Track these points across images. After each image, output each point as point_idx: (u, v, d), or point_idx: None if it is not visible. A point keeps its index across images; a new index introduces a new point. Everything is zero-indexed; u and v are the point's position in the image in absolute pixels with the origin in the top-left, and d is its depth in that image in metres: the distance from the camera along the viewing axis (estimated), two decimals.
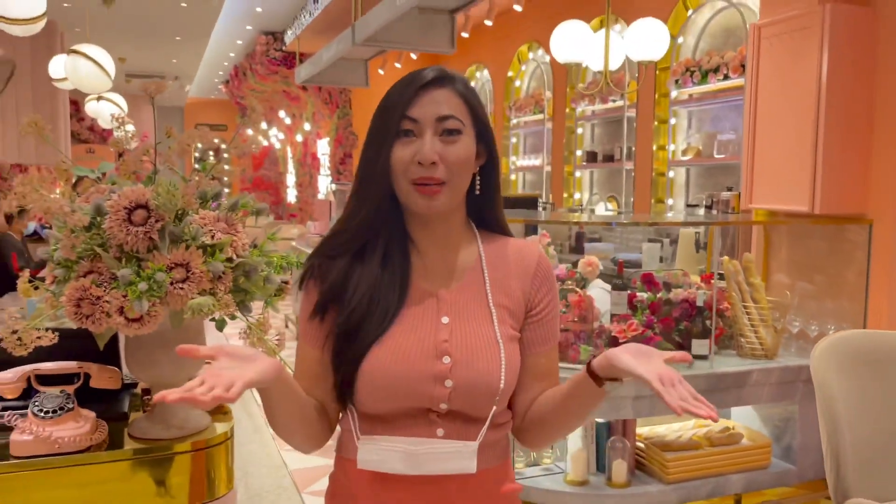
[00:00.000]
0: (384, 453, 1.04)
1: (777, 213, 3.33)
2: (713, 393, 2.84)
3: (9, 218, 5.61)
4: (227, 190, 1.47)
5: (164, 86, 1.42)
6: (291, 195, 13.53)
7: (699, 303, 3.03)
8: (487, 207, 1.16)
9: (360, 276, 1.07)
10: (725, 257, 3.21)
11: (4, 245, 5.47)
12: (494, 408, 1.07)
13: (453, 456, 1.04)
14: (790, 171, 3.14)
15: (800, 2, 3.05)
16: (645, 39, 3.25)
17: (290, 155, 13.37)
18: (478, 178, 1.11)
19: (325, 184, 10.89)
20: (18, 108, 6.69)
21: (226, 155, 1.51)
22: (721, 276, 3.13)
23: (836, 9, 2.90)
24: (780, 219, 3.32)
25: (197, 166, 1.44)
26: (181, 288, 1.31)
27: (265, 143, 13.87)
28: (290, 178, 13.55)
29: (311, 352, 1.10)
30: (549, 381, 1.15)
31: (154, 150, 1.45)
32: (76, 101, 9.47)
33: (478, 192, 1.12)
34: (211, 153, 15.65)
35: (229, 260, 1.38)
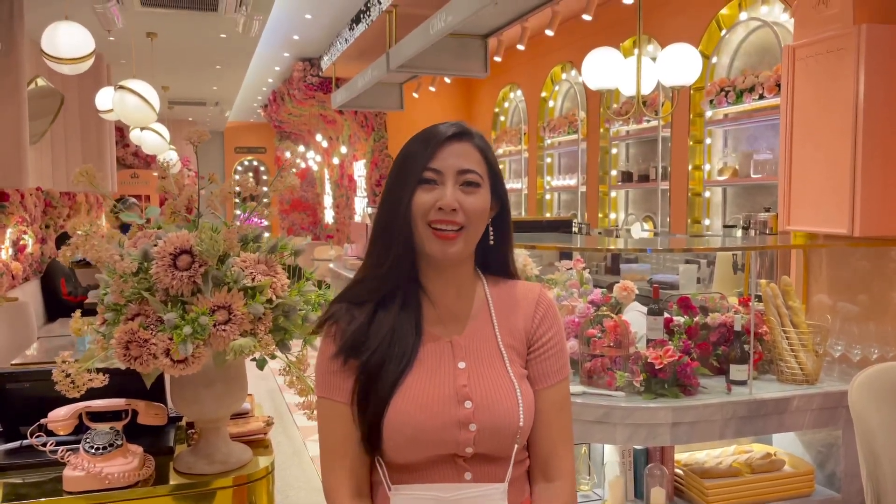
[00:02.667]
0: (418, 502, 1.07)
1: (816, 235, 3.28)
2: (753, 419, 2.80)
3: (58, 243, 5.81)
4: (266, 234, 1.52)
5: (206, 135, 1.48)
6: (329, 216, 13.72)
7: (737, 327, 3.00)
8: (499, 255, 1.21)
9: (380, 323, 1.11)
10: (763, 280, 3.17)
11: (54, 271, 5.67)
12: (516, 446, 1.12)
13: (486, 499, 1.08)
14: (828, 192, 3.09)
15: (834, 22, 3.03)
16: (677, 64, 3.25)
17: (326, 176, 13.57)
18: (491, 228, 1.17)
19: (361, 205, 11.02)
20: (67, 137, 6.95)
21: (266, 199, 1.56)
22: (759, 299, 3.09)
23: (871, 29, 2.87)
24: (818, 242, 3.27)
25: (238, 211, 1.49)
26: (223, 330, 1.37)
27: (303, 165, 14.09)
28: (328, 199, 13.75)
29: (342, 408, 1.11)
30: (557, 421, 1.17)
31: (197, 196, 1.51)
32: (121, 129, 9.77)
33: (491, 243, 1.17)
34: (250, 175, 15.92)
35: (269, 301, 1.43)
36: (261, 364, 1.46)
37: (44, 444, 1.52)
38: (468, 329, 1.16)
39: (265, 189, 1.59)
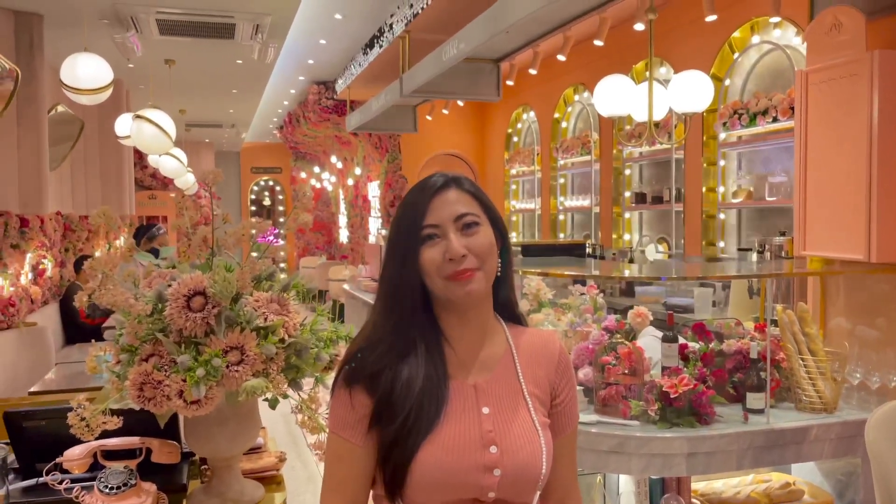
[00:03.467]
0: None
1: (832, 260, 3.25)
2: (771, 449, 2.76)
3: (77, 266, 5.88)
4: (283, 273, 1.54)
5: (221, 176, 1.50)
6: (343, 235, 13.79)
7: (753, 354, 2.97)
8: (504, 289, 1.23)
9: (407, 380, 1.10)
10: (780, 307, 3.14)
11: (72, 294, 5.73)
12: (538, 493, 1.12)
13: None
14: (844, 217, 3.07)
15: (847, 48, 3.02)
16: (689, 91, 3.25)
17: (341, 196, 13.66)
18: (499, 261, 1.18)
19: (375, 226, 11.07)
20: (87, 162, 7.06)
21: (282, 231, 1.58)
22: (775, 324, 3.06)
23: (884, 55, 2.86)
24: (835, 268, 3.24)
25: (255, 254, 1.51)
26: (236, 370, 1.38)
27: (318, 185, 14.19)
28: (342, 219, 13.82)
29: (353, 448, 1.11)
30: (573, 456, 1.23)
31: (212, 236, 1.53)
32: (140, 152, 9.90)
33: (498, 274, 1.18)
34: (266, 194, 15.99)
35: (281, 341, 1.44)
36: (273, 404, 1.46)
37: (59, 482, 1.53)
38: (491, 374, 1.17)
39: (281, 208, 1.60)
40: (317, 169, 14.48)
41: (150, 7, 4.43)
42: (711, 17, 3.93)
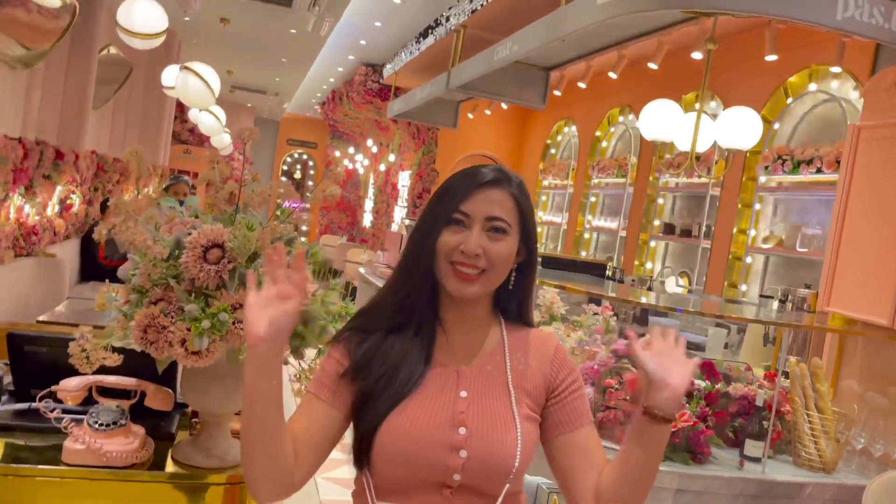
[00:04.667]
0: None
1: (854, 320, 3.19)
2: (762, 499, 2.71)
3: (103, 207, 5.94)
4: (303, 238, 1.53)
5: (257, 133, 1.50)
6: (367, 219, 13.82)
7: (758, 402, 2.92)
8: (517, 300, 1.23)
9: (392, 347, 1.13)
10: (793, 358, 3.08)
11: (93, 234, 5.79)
12: (508, 486, 1.11)
13: None
14: (874, 280, 3.00)
15: None
16: (737, 128, 3.20)
17: (371, 181, 13.69)
18: (513, 273, 1.18)
19: (399, 214, 11.08)
20: (129, 107, 7.14)
21: (307, 205, 1.57)
22: (786, 376, 3.00)
23: None
24: (856, 329, 3.17)
25: (278, 212, 1.50)
26: (242, 328, 1.37)
27: (350, 166, 14.24)
28: (368, 203, 13.85)
29: (320, 405, 1.12)
30: (598, 456, 1.17)
31: (240, 192, 1.52)
32: (181, 105, 10.00)
33: (510, 288, 1.18)
34: (298, 168, 16.08)
35: None
36: None
37: (51, 410, 1.54)
38: (477, 362, 1.18)
39: (310, 183, 1.59)
40: (351, 150, 14.53)
41: None
42: (772, 57, 3.86)
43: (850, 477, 2.83)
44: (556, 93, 5.51)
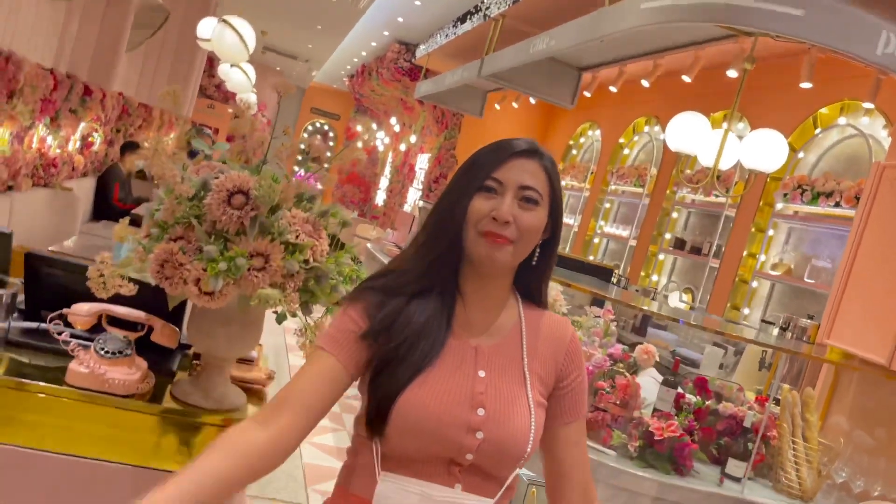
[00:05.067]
0: (403, 494, 1.05)
1: (853, 356, 3.20)
2: None
3: (123, 150, 5.98)
4: (319, 195, 1.55)
5: (292, 87, 1.52)
6: (380, 197, 13.84)
7: (746, 423, 2.94)
8: (536, 279, 1.21)
9: (414, 313, 1.10)
10: (786, 386, 3.10)
11: (110, 174, 5.84)
12: (517, 471, 1.11)
13: None
14: (877, 318, 3.01)
15: None
16: (763, 150, 3.20)
17: (389, 159, 13.70)
18: (538, 249, 1.16)
19: (413, 196, 11.09)
20: (161, 54, 7.15)
21: (327, 164, 1.59)
22: (777, 403, 3.02)
23: None
24: (853, 364, 3.19)
25: (297, 168, 1.52)
26: (256, 276, 1.40)
27: (371, 142, 14.24)
28: (384, 182, 13.86)
29: (331, 361, 1.08)
30: (580, 450, 1.21)
31: (268, 142, 1.55)
32: (212, 59, 10.00)
33: (534, 263, 1.17)
34: (319, 137, 16.10)
35: (305, 262, 1.46)
36: (280, 318, 1.48)
37: (59, 333, 1.57)
38: (495, 342, 1.15)
39: (329, 154, 1.62)
40: (374, 126, 14.53)
41: None
42: (806, 85, 3.85)
43: None
44: (586, 94, 5.50)
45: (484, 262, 1.11)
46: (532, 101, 8.15)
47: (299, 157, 1.60)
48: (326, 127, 16.38)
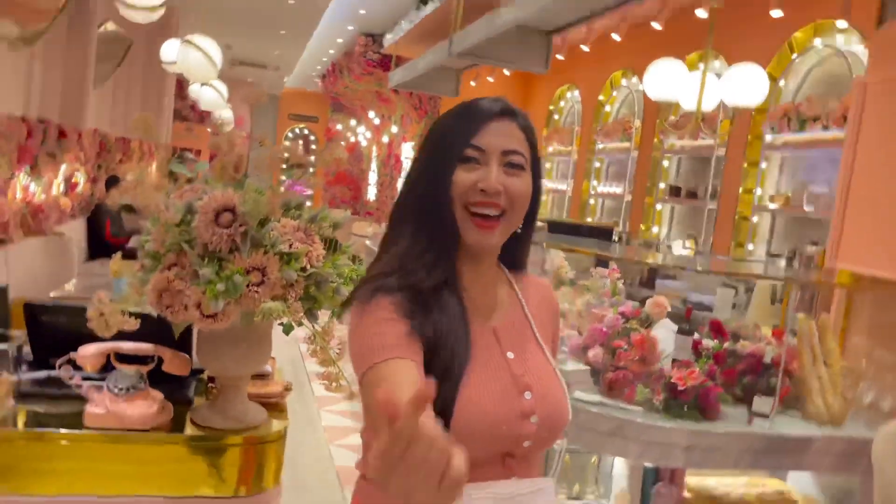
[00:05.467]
0: (474, 503, 0.96)
1: (863, 276, 3.19)
2: (771, 454, 2.74)
3: (108, 185, 5.96)
4: (308, 202, 1.54)
5: (264, 97, 1.50)
6: (371, 193, 13.80)
7: (766, 359, 2.94)
8: (520, 246, 1.15)
9: (439, 308, 1.00)
10: (801, 315, 3.09)
11: (100, 212, 5.81)
12: (558, 441, 1.09)
13: (542, 494, 1.02)
14: (883, 235, 3.00)
15: None
16: (743, 85, 3.18)
17: (374, 154, 13.64)
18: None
19: None
20: (130, 84, 7.10)
21: (312, 168, 1.57)
22: (794, 334, 3.02)
23: None
24: (865, 284, 3.18)
25: (283, 177, 1.51)
26: (256, 291, 1.39)
27: (353, 139, 14.18)
28: (372, 177, 13.82)
29: (409, 365, 0.93)
30: None
31: (247, 156, 1.53)
32: (181, 82, 9.93)
33: (518, 231, 1.10)
34: (300, 142, 16.06)
35: (303, 269, 1.45)
36: (287, 329, 1.47)
37: (70, 378, 1.56)
38: (505, 319, 1.10)
39: (312, 158, 1.60)
40: (353, 122, 14.46)
41: None
42: (777, 13, 3.82)
43: (858, 430, 2.85)
44: (559, 57, 5.46)
45: (474, 247, 1.05)
46: (506, 72, 8.09)
47: (284, 166, 1.58)
48: (307, 131, 16.30)
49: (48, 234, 4.49)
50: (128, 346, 1.58)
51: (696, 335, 3.02)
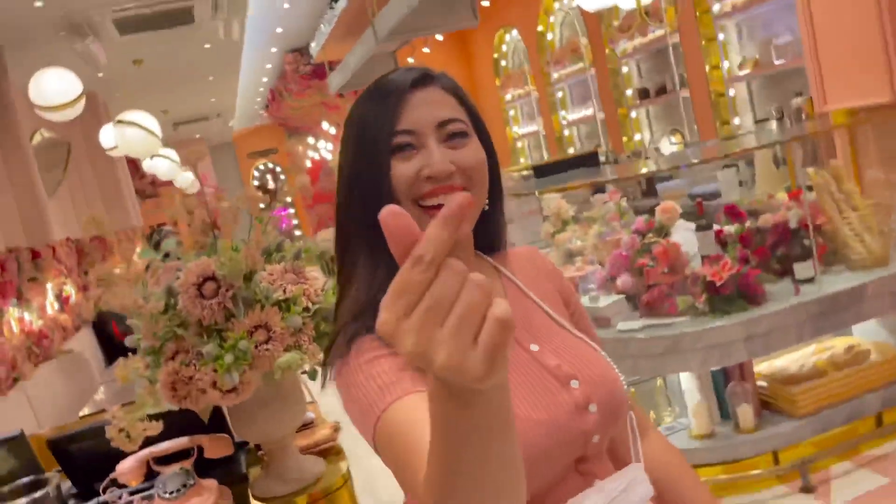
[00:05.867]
0: None
1: (856, 111, 3.09)
2: (828, 315, 2.67)
3: None
4: (288, 240, 1.45)
5: (202, 153, 1.40)
6: None
7: (792, 224, 2.86)
8: (493, 222, 0.96)
9: None
10: (811, 169, 3.00)
11: (103, 314, 5.74)
12: (630, 414, 0.92)
13: (635, 484, 0.87)
14: (861, 63, 2.89)
15: None
16: None
17: None
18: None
19: None
20: (83, 183, 6.98)
21: (279, 202, 1.48)
22: (810, 189, 2.93)
23: None
24: (860, 118, 3.08)
25: (258, 220, 1.42)
26: (266, 349, 1.30)
27: (316, 157, 14.04)
28: None
29: (420, 398, 0.76)
30: None
31: (210, 217, 1.44)
32: (134, 161, 9.81)
33: (486, 208, 0.91)
34: (269, 177, 15.92)
35: (306, 309, 1.36)
36: (312, 375, 1.39)
37: (119, 498, 1.49)
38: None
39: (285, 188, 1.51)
40: (311, 140, 14.29)
41: (104, 8, 4.26)
42: None
43: None
44: (485, 4, 5.31)
45: None
46: (439, 37, 7.92)
47: (262, 206, 1.49)
48: (271, 164, 16.14)
49: (57, 356, 4.42)
50: (163, 447, 1.50)
51: (716, 226, 2.93)
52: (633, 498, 0.85)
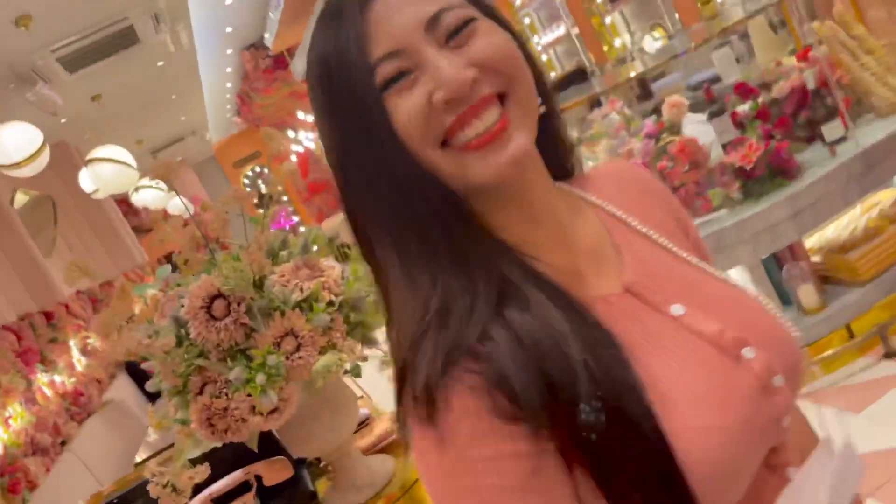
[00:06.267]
0: None
1: None
2: (872, 170, 2.51)
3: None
4: (302, 228, 1.30)
5: (174, 166, 1.25)
6: None
7: (810, 85, 2.67)
8: (555, 130, 0.70)
9: (528, 332, 0.55)
10: (814, 23, 2.80)
11: (136, 359, 5.68)
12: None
13: (849, 459, 0.62)
14: None
15: None
16: None
17: None
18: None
19: None
20: (79, 234, 6.88)
21: (282, 196, 1.33)
22: (820, 43, 2.74)
23: None
24: None
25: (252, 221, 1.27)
26: (299, 358, 1.17)
27: (300, 149, 13.82)
28: None
29: (548, 457, 0.54)
30: None
31: (200, 231, 1.29)
32: (124, 199, 9.68)
33: (542, 111, 0.65)
34: (260, 181, 15.77)
35: (330, 304, 1.22)
36: (355, 372, 1.26)
37: None
38: (626, 261, 0.66)
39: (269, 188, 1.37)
40: (291, 133, 14.05)
41: (43, 49, 4.08)
42: None
43: None
44: None
45: (492, 177, 0.60)
46: None
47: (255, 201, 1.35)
48: (258, 168, 15.94)
49: (99, 409, 4.35)
50: (219, 486, 1.39)
51: (730, 110, 2.75)
52: (850, 481, 0.60)
